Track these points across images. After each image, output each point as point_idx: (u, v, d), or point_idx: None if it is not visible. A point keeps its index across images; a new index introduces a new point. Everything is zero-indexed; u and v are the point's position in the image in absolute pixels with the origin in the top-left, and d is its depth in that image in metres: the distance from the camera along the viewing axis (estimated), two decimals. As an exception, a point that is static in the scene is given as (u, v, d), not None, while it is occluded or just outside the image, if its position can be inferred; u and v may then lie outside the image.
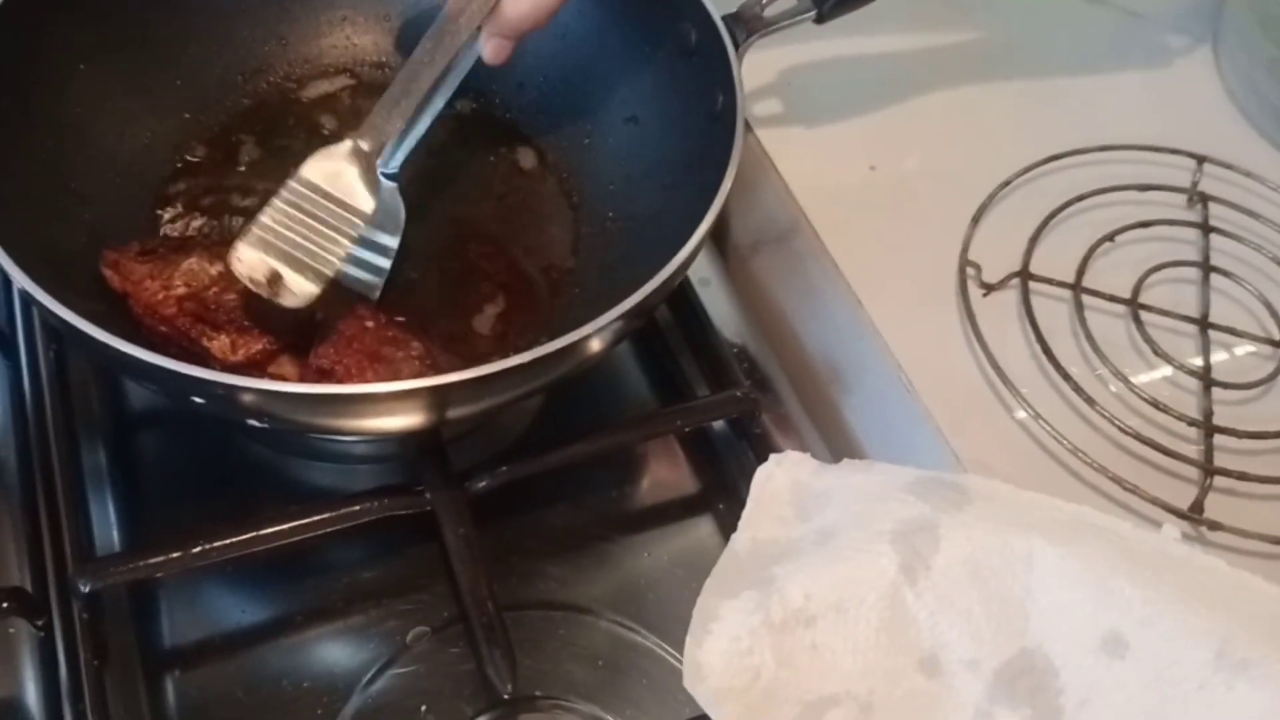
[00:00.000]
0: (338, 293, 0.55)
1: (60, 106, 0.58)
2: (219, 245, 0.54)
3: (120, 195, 0.59)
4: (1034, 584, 0.44)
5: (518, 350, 0.48)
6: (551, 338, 0.49)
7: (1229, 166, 0.67)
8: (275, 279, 0.52)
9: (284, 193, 0.54)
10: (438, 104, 0.59)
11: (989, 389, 0.57)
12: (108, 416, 0.59)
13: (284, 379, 0.53)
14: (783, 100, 0.68)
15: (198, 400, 0.48)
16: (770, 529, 0.47)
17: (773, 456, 0.48)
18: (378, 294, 0.58)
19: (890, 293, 0.59)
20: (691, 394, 0.63)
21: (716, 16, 0.59)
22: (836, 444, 0.61)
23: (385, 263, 0.58)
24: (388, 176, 0.57)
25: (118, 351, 0.45)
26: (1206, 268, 0.62)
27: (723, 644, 0.43)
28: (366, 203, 0.54)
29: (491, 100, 0.68)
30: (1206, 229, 0.64)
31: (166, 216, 0.61)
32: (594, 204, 0.64)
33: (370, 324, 0.54)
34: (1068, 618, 0.44)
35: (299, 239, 0.53)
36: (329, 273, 0.53)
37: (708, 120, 0.59)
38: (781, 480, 0.49)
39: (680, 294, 0.64)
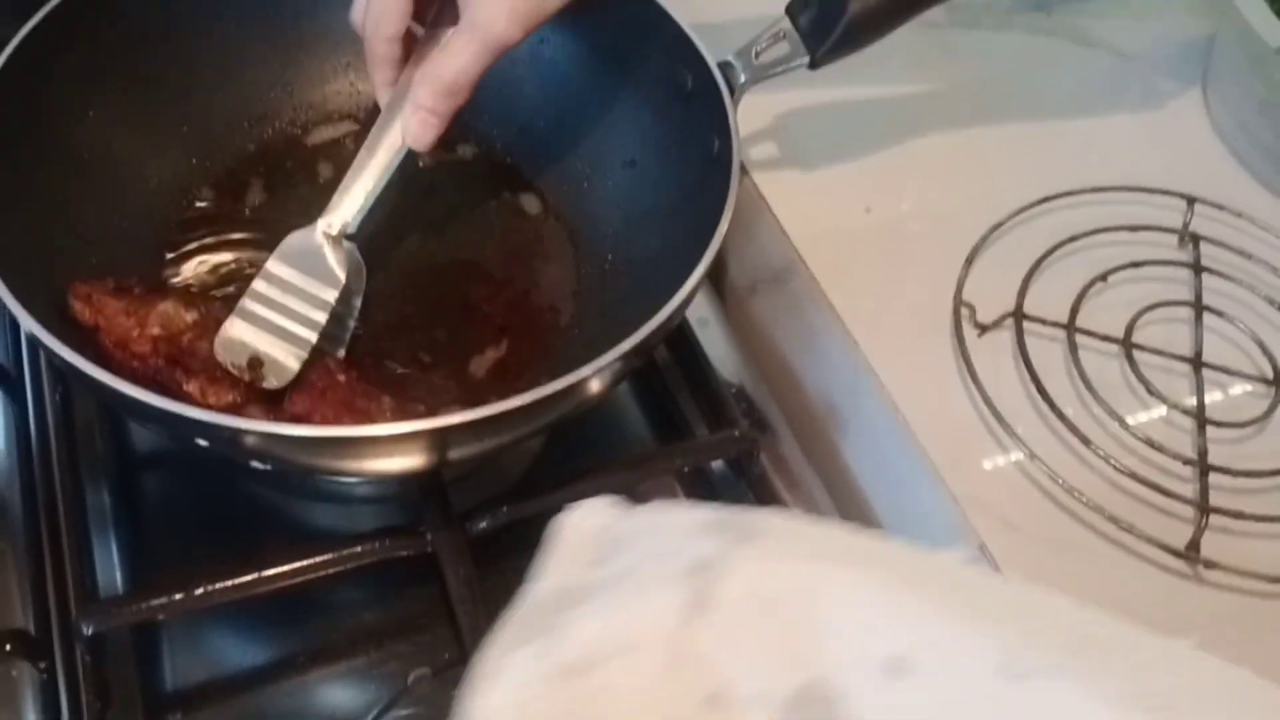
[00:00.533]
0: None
1: (70, 150, 0.58)
2: (195, 295, 0.56)
3: (127, 239, 0.60)
4: (819, 614, 0.43)
5: (518, 391, 0.49)
6: (552, 379, 0.50)
7: (1220, 207, 0.68)
8: (256, 364, 0.54)
9: (259, 280, 0.55)
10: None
11: (984, 428, 0.57)
12: (112, 458, 0.60)
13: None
14: (778, 144, 0.69)
15: (202, 443, 0.49)
16: (568, 576, 0.46)
17: (571, 506, 0.47)
18: (342, 350, 0.59)
19: (886, 332, 0.60)
20: (690, 434, 0.63)
21: (712, 63, 0.60)
22: (834, 483, 0.62)
23: (351, 321, 0.59)
24: (347, 237, 0.58)
25: (123, 394, 0.46)
26: (1199, 307, 0.63)
27: (508, 697, 0.42)
28: (336, 278, 0.56)
29: (493, 145, 0.69)
30: (1198, 269, 0.65)
31: (172, 259, 0.62)
32: (593, 246, 0.65)
33: (341, 378, 0.55)
34: (854, 643, 0.43)
35: (276, 321, 0.55)
36: (304, 351, 0.54)
37: (704, 164, 0.60)
38: (584, 526, 0.48)
39: (679, 334, 0.65)
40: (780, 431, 0.64)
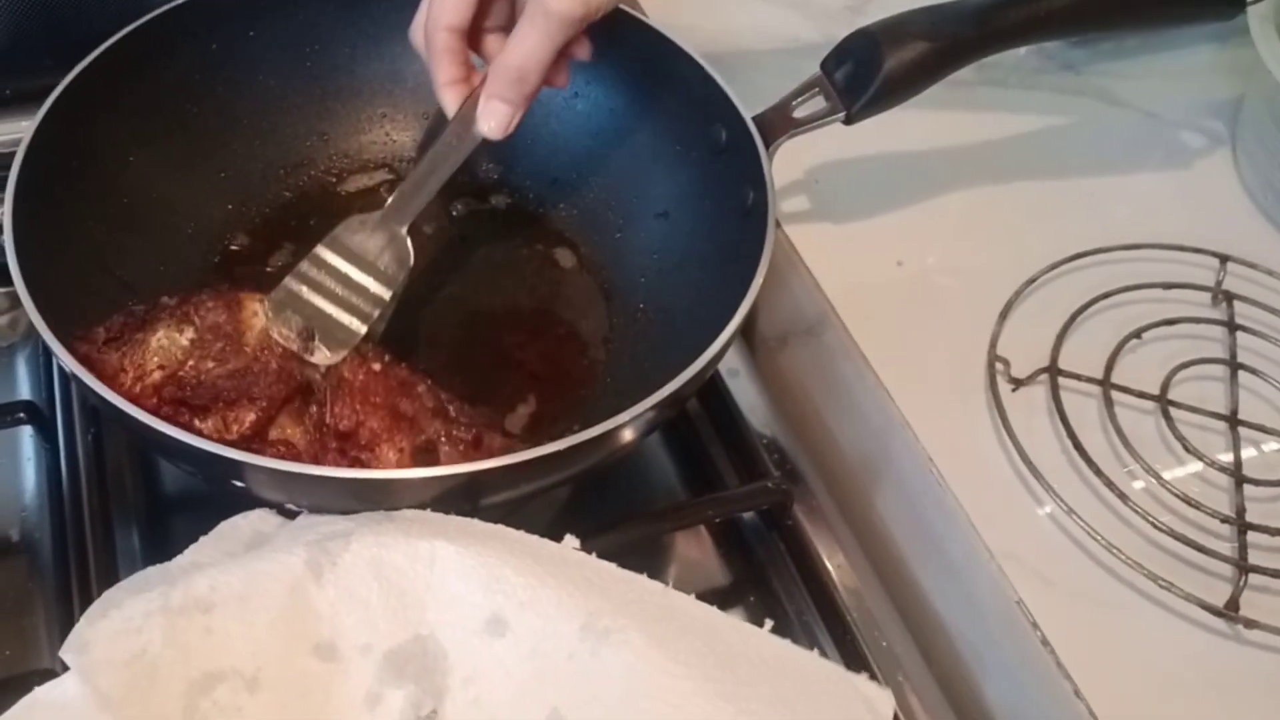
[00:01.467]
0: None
1: (111, 195, 0.59)
2: (184, 303, 0.53)
3: (165, 283, 0.60)
4: (434, 580, 0.48)
5: (551, 439, 0.49)
6: (584, 427, 0.50)
7: (1252, 265, 0.68)
8: (308, 334, 0.52)
9: (317, 255, 0.55)
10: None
11: (1020, 483, 0.57)
12: (142, 499, 0.60)
13: (289, 445, 0.52)
14: (810, 197, 0.70)
15: (238, 484, 0.49)
16: (203, 556, 0.49)
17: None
18: (379, 332, 0.57)
19: (919, 386, 0.60)
20: (721, 484, 0.63)
21: (747, 117, 0.61)
22: (867, 537, 0.61)
23: (388, 312, 0.57)
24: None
25: (162, 435, 0.46)
26: (1234, 365, 0.63)
27: (115, 625, 0.44)
28: (396, 272, 0.55)
29: (525, 195, 0.70)
30: (1232, 327, 0.64)
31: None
32: (625, 295, 0.66)
33: (376, 366, 0.53)
34: (459, 606, 0.47)
35: (329, 302, 0.54)
36: (355, 339, 0.53)
37: (738, 216, 0.60)
38: (239, 524, 0.51)
39: (710, 384, 0.65)
40: (812, 483, 0.63)
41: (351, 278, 0.55)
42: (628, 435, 0.52)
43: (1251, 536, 0.55)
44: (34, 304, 0.50)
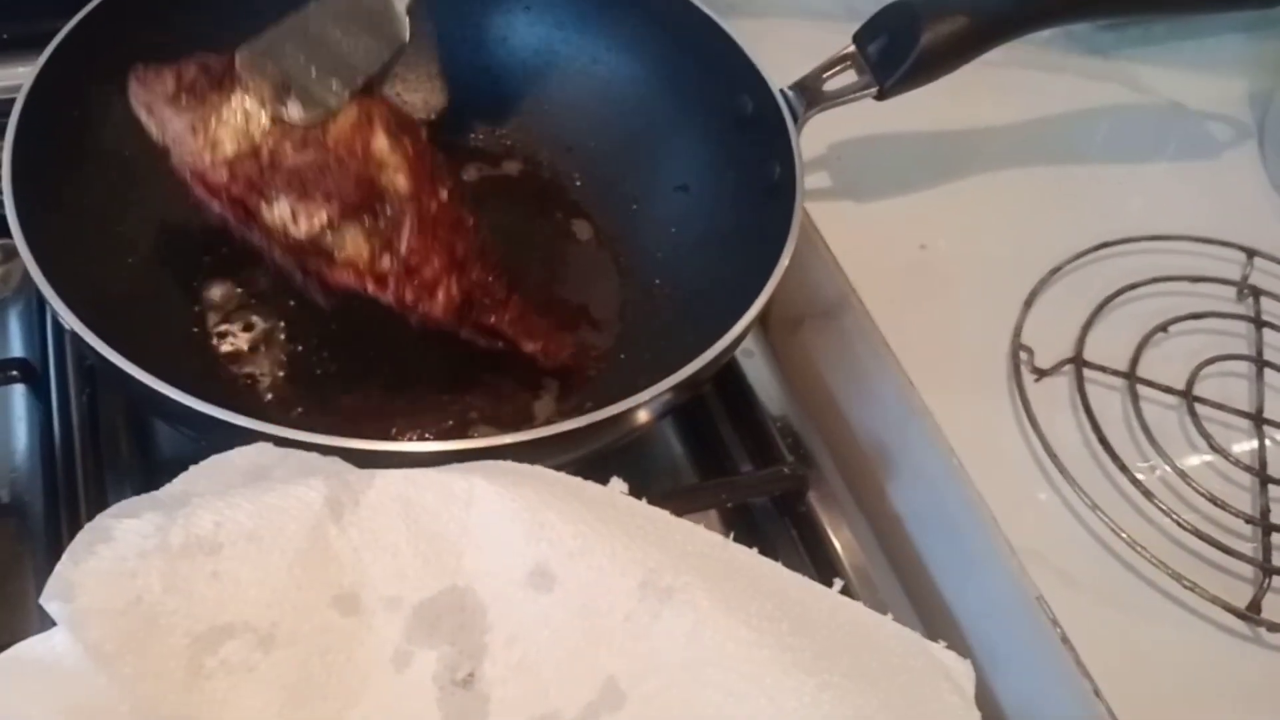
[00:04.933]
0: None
1: (115, 145, 0.57)
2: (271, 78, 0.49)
3: (165, 241, 0.58)
4: (471, 522, 0.42)
5: (561, 416, 0.47)
6: (596, 406, 0.48)
7: (1278, 260, 0.66)
8: (284, 87, 0.48)
9: (306, 13, 0.50)
10: None
11: (1043, 476, 0.56)
12: (136, 463, 0.58)
13: (352, 264, 0.48)
14: (832, 175, 0.68)
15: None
16: (197, 485, 0.43)
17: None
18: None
19: (940, 374, 0.58)
20: (734, 468, 0.61)
21: (775, 88, 0.59)
22: (881, 526, 0.60)
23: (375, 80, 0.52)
24: None
25: (163, 396, 0.45)
26: (1260, 362, 0.61)
27: (105, 565, 0.38)
28: (385, 46, 0.51)
29: (539, 163, 0.68)
30: (1259, 323, 0.63)
31: (210, 262, 0.60)
32: (641, 270, 0.64)
33: (444, 194, 0.50)
34: (499, 554, 0.42)
35: (311, 62, 0.49)
36: (331, 102, 0.49)
37: (762, 192, 0.58)
38: (232, 457, 0.44)
39: (724, 366, 0.63)
40: (825, 468, 0.62)
41: (339, 41, 0.50)
42: (643, 416, 0.51)
43: (1276, 538, 0.54)
44: (32, 256, 0.48)
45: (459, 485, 0.42)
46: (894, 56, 0.56)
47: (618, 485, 0.45)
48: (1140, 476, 0.55)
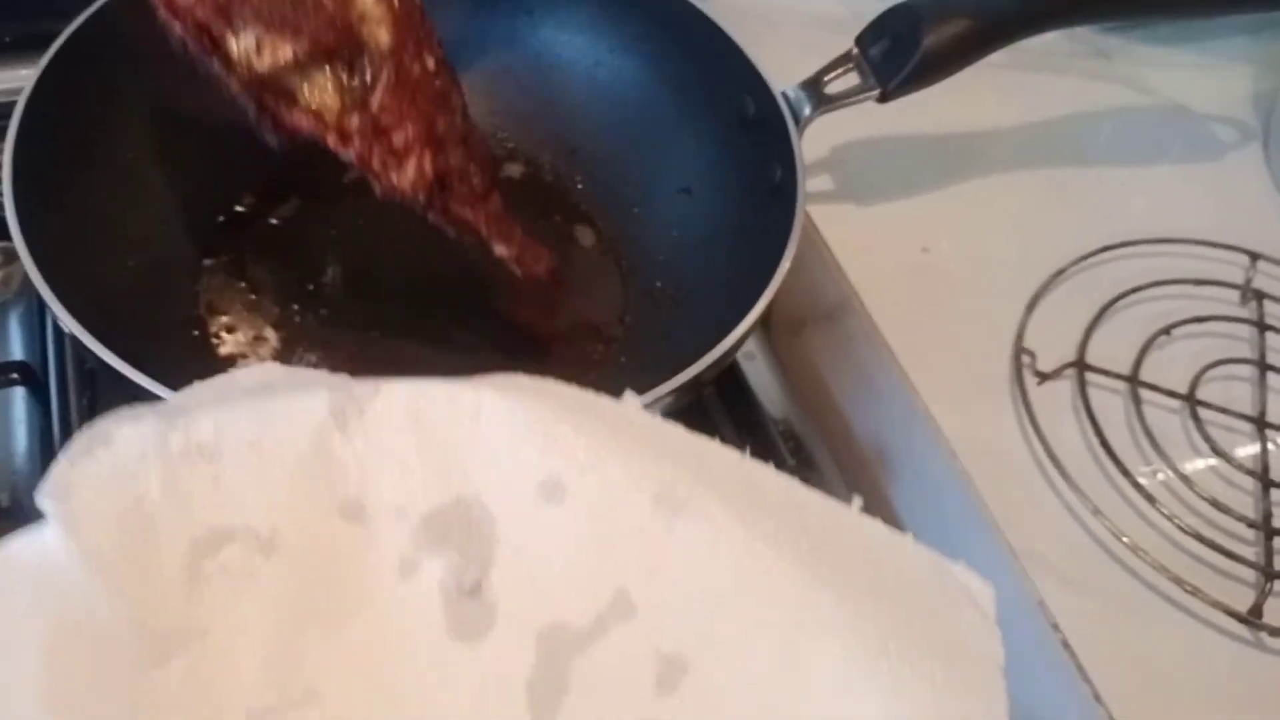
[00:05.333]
0: None
1: (115, 149, 0.57)
2: None
3: (167, 241, 0.59)
4: (480, 434, 0.40)
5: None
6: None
7: (1282, 264, 0.66)
8: None
9: None
10: None
11: (1044, 480, 0.55)
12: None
13: (316, 114, 0.46)
14: (834, 177, 0.68)
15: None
16: (196, 398, 0.41)
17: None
18: None
19: (942, 377, 0.58)
20: (734, 470, 0.61)
21: (777, 91, 0.59)
22: (882, 529, 0.60)
23: None
24: None
25: (163, 399, 0.44)
26: (1263, 366, 0.61)
27: (104, 468, 0.37)
28: None
29: (541, 166, 0.68)
30: (1262, 327, 0.63)
31: (210, 265, 0.60)
32: (642, 272, 0.64)
33: (431, 63, 0.48)
34: (508, 466, 0.40)
35: None
36: None
37: (764, 194, 0.58)
38: (237, 374, 0.43)
39: (726, 368, 0.63)
40: (826, 471, 0.62)
41: None
42: (643, 418, 0.51)
43: (1278, 543, 0.54)
44: (32, 259, 0.48)
45: (467, 397, 0.41)
46: (897, 59, 0.56)
47: (632, 400, 0.43)
48: (1142, 480, 0.55)
